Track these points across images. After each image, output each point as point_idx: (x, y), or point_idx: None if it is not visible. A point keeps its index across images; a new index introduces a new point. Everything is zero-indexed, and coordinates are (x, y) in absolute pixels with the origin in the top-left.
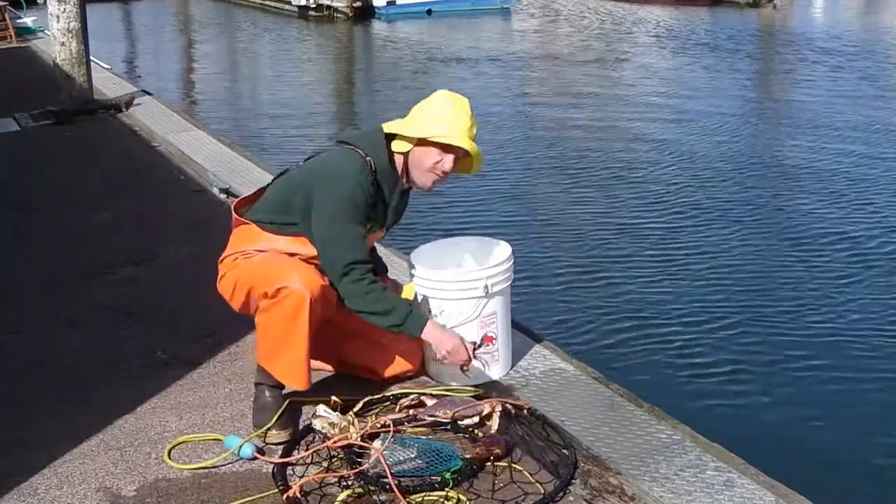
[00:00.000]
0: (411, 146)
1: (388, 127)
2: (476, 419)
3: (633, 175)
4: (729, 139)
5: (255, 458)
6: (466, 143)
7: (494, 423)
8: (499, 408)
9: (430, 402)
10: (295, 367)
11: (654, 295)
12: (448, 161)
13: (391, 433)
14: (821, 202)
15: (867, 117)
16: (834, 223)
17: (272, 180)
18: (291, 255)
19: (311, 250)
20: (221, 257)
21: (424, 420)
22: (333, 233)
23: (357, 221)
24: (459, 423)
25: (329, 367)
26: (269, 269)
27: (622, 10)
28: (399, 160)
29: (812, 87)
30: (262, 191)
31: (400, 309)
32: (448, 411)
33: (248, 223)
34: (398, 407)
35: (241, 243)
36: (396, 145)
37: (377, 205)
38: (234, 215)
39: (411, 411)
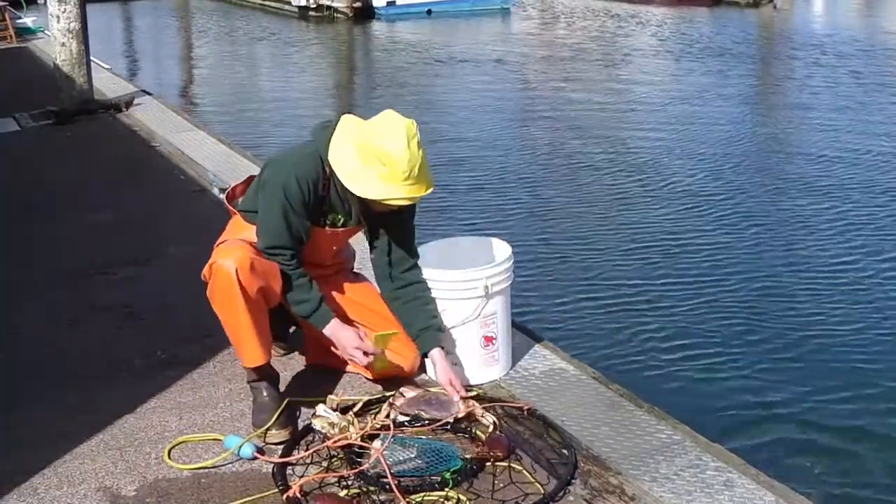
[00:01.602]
0: None
1: (343, 129)
2: (451, 419)
3: (634, 175)
4: (731, 140)
5: (255, 458)
6: (404, 202)
7: (488, 423)
8: (479, 410)
9: (409, 393)
10: (247, 345)
11: (654, 295)
12: (390, 205)
13: (392, 433)
14: (825, 204)
15: (870, 117)
16: (837, 225)
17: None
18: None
19: None
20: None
21: (423, 420)
22: (263, 217)
23: (284, 211)
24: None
25: (329, 364)
26: (214, 253)
27: (622, 9)
28: None
29: (814, 88)
30: (252, 178)
31: (311, 301)
32: (422, 410)
33: (235, 213)
34: (386, 405)
35: (228, 233)
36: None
37: (329, 199)
38: (226, 204)
39: (389, 400)
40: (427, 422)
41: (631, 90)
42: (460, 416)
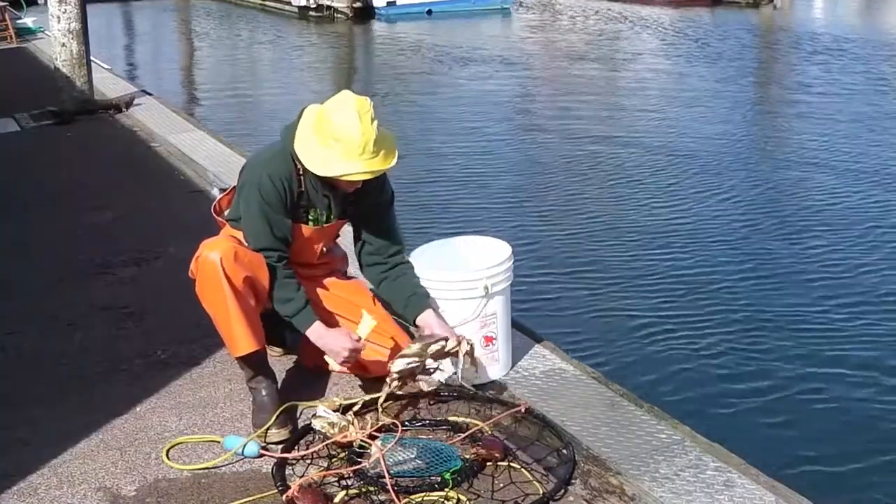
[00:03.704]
0: None
1: (304, 119)
2: (442, 343)
3: (635, 175)
4: (730, 140)
5: (261, 456)
6: (364, 175)
7: (462, 361)
8: (465, 347)
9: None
10: (237, 332)
11: (654, 295)
12: (354, 182)
13: (399, 433)
14: (825, 204)
15: (870, 117)
16: (838, 226)
17: None
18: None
19: None
20: None
21: (425, 420)
22: (245, 221)
23: (263, 211)
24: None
25: (325, 367)
26: (199, 248)
27: (623, 9)
28: None
29: (814, 88)
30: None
31: (296, 301)
32: (425, 342)
33: (225, 222)
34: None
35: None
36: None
37: (306, 194)
38: (214, 216)
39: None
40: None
41: (632, 91)
42: (448, 347)
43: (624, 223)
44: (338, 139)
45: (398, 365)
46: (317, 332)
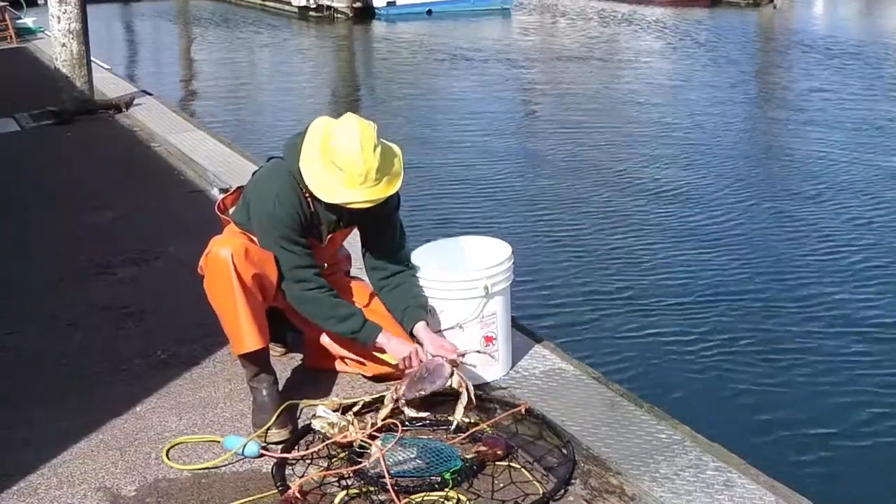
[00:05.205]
0: None
1: (309, 137)
2: (447, 383)
3: (634, 175)
4: (730, 140)
5: (261, 456)
6: (365, 204)
7: (459, 412)
8: (464, 397)
9: (403, 384)
10: (244, 329)
11: (654, 295)
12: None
13: (399, 434)
14: (823, 202)
15: (871, 117)
16: (838, 224)
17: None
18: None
19: None
20: None
21: (424, 420)
22: (267, 249)
23: (283, 235)
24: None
25: (327, 367)
26: (209, 244)
27: (623, 10)
28: None
29: (819, 91)
30: (241, 188)
31: (356, 317)
32: (422, 390)
33: (229, 220)
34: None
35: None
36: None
37: (316, 215)
38: (217, 213)
39: (392, 396)
40: (429, 420)
41: (633, 92)
42: (451, 383)
43: (624, 224)
44: (340, 168)
45: (409, 411)
46: (384, 339)
